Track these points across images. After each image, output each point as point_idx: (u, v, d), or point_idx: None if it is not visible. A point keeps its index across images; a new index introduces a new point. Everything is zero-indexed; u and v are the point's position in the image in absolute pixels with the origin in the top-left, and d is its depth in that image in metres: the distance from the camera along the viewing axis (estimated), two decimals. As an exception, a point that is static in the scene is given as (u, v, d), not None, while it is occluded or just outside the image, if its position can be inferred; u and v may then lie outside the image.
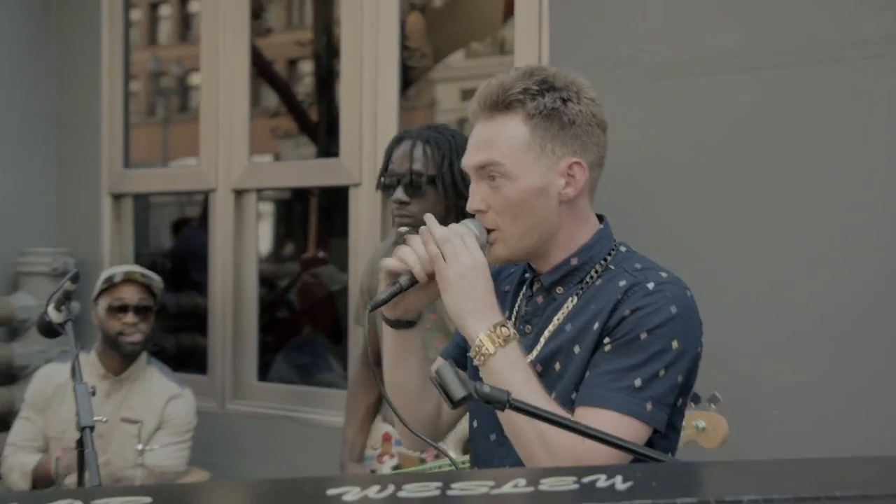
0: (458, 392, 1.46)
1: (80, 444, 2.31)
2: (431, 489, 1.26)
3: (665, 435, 1.71)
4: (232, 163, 3.90)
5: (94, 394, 2.34)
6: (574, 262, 1.77)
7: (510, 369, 1.64)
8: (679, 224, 2.99)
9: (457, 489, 1.26)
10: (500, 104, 1.73)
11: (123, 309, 3.40)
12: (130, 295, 3.42)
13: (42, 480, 3.34)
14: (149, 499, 1.18)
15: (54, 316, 2.50)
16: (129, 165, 4.26)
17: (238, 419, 3.87)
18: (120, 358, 3.47)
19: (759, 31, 2.87)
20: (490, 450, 1.86)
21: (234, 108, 3.90)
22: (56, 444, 3.48)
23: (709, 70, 2.93)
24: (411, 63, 4.33)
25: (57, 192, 4.38)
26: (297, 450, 3.72)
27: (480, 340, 1.66)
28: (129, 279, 3.44)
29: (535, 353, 1.77)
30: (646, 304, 1.66)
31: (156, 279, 3.50)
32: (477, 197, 1.76)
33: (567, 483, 1.30)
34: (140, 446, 2.93)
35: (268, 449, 3.79)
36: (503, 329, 1.67)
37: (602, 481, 1.29)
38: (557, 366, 1.74)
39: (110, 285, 3.45)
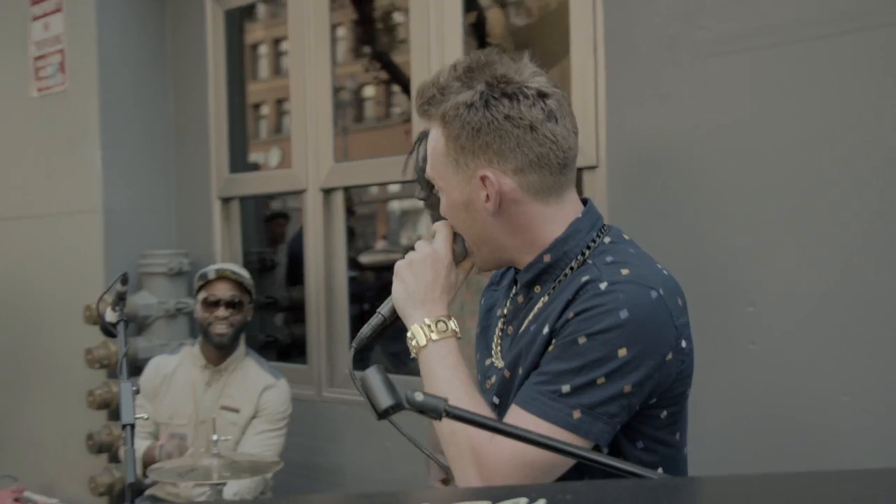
0: (384, 401, 1.21)
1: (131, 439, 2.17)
2: None
3: (649, 448, 1.44)
4: (320, 165, 3.75)
5: (137, 392, 2.20)
6: (547, 258, 1.50)
7: (437, 362, 1.45)
8: (738, 202, 2.64)
9: None
10: (421, 108, 1.49)
11: (216, 303, 3.34)
12: (222, 291, 3.35)
13: (150, 464, 3.28)
14: None
15: (110, 316, 2.38)
16: (234, 171, 4.17)
17: (334, 406, 3.73)
18: (216, 349, 3.38)
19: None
20: None
21: (319, 119, 3.79)
22: (164, 429, 3.43)
23: (764, 43, 2.57)
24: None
25: (176, 198, 4.35)
26: (387, 436, 3.53)
27: (412, 332, 1.48)
28: (221, 276, 3.37)
29: (509, 356, 1.53)
30: (592, 305, 1.37)
31: (245, 276, 3.39)
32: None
33: None
34: (215, 436, 2.79)
35: (361, 434, 3.63)
36: (441, 324, 1.47)
37: (518, 510, 1.03)
38: (520, 370, 1.48)
39: (206, 282, 3.37)
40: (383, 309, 1.55)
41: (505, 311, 1.60)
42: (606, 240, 1.50)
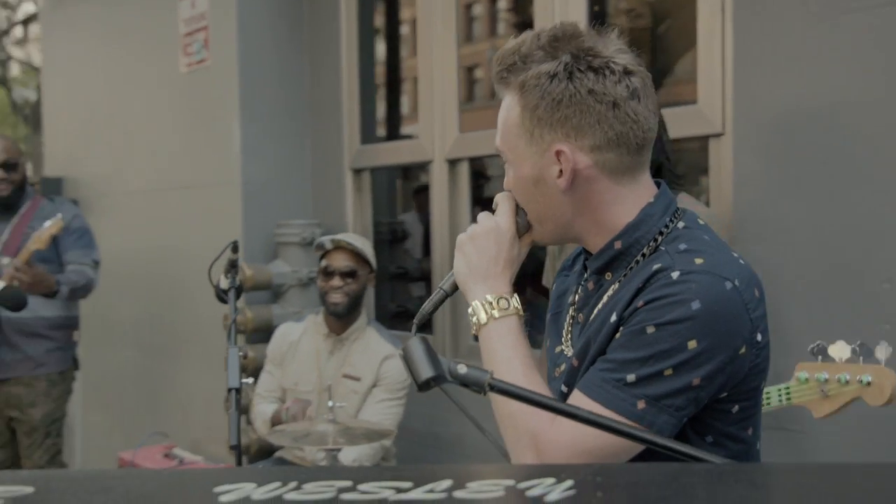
0: (426, 372, 1.18)
1: (236, 402, 2.23)
2: (331, 490, 1.02)
3: (718, 443, 1.37)
4: (446, 135, 3.74)
5: (245, 357, 2.26)
6: (618, 245, 1.43)
7: (497, 341, 1.42)
8: (876, 171, 2.44)
9: (357, 492, 1.01)
10: (498, 80, 1.43)
11: (331, 273, 3.37)
12: (338, 261, 3.39)
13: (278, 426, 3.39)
14: (31, 488, 1.04)
15: (223, 283, 2.45)
16: (365, 142, 4.22)
17: (457, 376, 3.71)
18: (335, 318, 3.43)
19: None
20: None
21: (445, 90, 3.77)
22: (291, 394, 3.52)
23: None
24: (628, 24, 3.92)
25: (312, 169, 4.44)
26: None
27: (473, 308, 1.45)
28: (337, 246, 3.40)
29: (577, 345, 1.48)
30: (663, 295, 1.31)
31: (361, 246, 3.41)
32: (506, 178, 1.51)
33: (495, 488, 1.01)
34: (330, 403, 2.84)
35: (483, 406, 3.60)
36: (503, 301, 1.44)
37: (540, 487, 1.00)
38: (588, 359, 1.44)
39: (324, 252, 3.43)
40: (445, 284, 1.51)
41: (576, 297, 1.54)
42: (680, 224, 1.42)
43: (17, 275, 3.67)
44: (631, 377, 1.30)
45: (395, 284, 4.55)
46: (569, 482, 0.99)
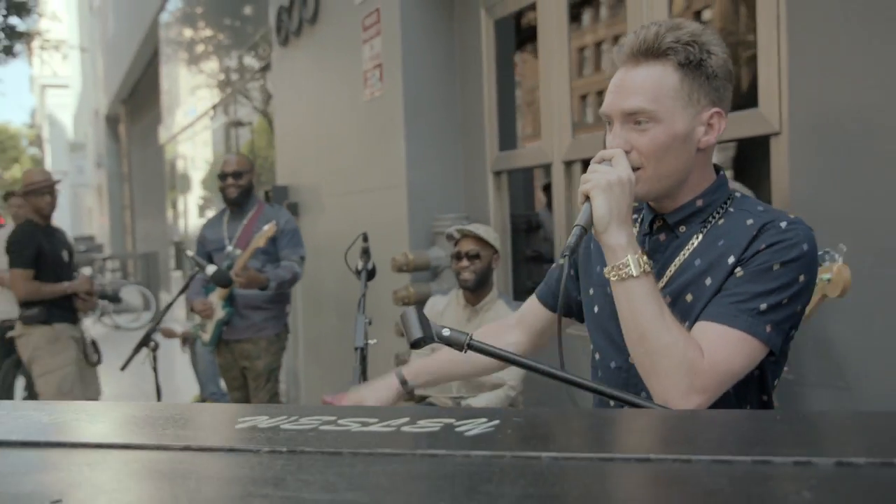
0: (416, 333, 1.24)
1: (360, 359, 2.34)
2: (316, 422, 1.09)
3: (777, 361, 1.47)
4: (561, 139, 3.71)
5: (370, 323, 2.38)
6: (699, 203, 1.50)
7: (649, 296, 1.37)
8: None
9: (335, 425, 1.07)
10: (654, 51, 1.43)
11: (459, 256, 3.44)
12: (465, 246, 3.46)
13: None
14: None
15: (360, 266, 2.57)
16: (503, 149, 4.26)
17: (573, 340, 3.68)
18: (469, 292, 3.50)
19: None
20: (613, 378, 1.59)
21: (560, 97, 3.73)
22: (437, 354, 3.62)
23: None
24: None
25: (463, 173, 4.54)
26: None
27: (628, 260, 1.37)
28: (464, 235, 3.46)
29: (661, 284, 1.50)
30: (781, 239, 1.39)
31: (483, 233, 3.45)
32: (620, 139, 1.44)
33: (435, 425, 1.05)
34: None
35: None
36: (645, 258, 1.39)
37: (471, 425, 1.03)
38: (689, 297, 1.46)
39: (455, 240, 3.50)
40: (581, 221, 1.36)
41: (644, 248, 1.52)
42: (737, 195, 1.51)
43: (237, 278, 4.04)
44: (763, 306, 1.36)
45: (530, 265, 4.57)
46: (496, 421, 1.02)
